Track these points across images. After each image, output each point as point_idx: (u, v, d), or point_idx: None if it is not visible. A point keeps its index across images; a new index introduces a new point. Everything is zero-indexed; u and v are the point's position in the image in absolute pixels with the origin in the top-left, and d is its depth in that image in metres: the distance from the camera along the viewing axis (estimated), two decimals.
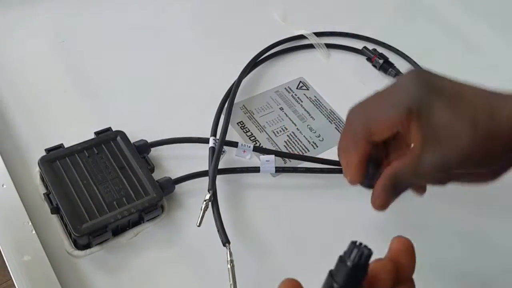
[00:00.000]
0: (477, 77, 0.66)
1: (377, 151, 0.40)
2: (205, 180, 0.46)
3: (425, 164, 0.35)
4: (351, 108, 0.40)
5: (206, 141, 0.49)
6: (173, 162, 0.49)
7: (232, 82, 0.55)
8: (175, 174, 0.47)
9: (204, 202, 0.43)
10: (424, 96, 0.35)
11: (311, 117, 0.56)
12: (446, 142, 0.35)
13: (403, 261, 0.28)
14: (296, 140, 0.54)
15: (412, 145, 0.37)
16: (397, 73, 0.62)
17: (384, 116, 0.37)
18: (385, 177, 0.38)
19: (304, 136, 0.54)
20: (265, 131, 0.54)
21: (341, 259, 0.26)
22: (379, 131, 0.37)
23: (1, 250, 0.40)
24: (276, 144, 0.53)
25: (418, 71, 0.38)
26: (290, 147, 0.53)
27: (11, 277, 0.38)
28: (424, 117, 0.35)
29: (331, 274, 0.26)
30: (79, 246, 0.42)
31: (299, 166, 0.51)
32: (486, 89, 0.37)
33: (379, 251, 0.49)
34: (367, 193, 0.50)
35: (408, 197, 0.52)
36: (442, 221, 0.50)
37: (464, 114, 0.35)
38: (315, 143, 0.54)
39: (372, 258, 0.26)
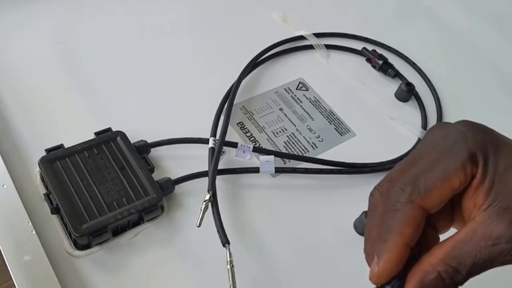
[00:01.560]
0: (476, 78, 0.67)
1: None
2: (205, 181, 0.46)
3: (501, 231, 0.23)
4: (381, 181, 0.28)
5: (206, 141, 0.49)
6: (173, 163, 0.49)
7: (232, 82, 0.56)
8: (175, 174, 0.47)
9: (204, 203, 0.43)
10: (487, 140, 0.26)
11: (311, 117, 0.56)
12: None
13: None
14: (295, 141, 0.54)
15: (473, 211, 0.25)
16: (396, 73, 0.62)
17: (442, 175, 0.25)
18: (434, 262, 0.25)
19: (303, 136, 0.54)
20: (264, 131, 0.54)
21: None
22: (435, 200, 0.25)
23: (1, 250, 0.40)
24: (276, 145, 0.53)
25: (467, 120, 0.28)
26: (289, 148, 0.53)
27: (11, 277, 0.38)
28: (492, 164, 0.25)
29: None
30: (79, 246, 0.42)
31: (298, 166, 0.51)
32: None
33: None
34: (366, 194, 0.51)
35: None
36: None
37: None
38: (314, 144, 0.54)
39: None
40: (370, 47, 0.65)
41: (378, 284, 0.26)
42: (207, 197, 0.43)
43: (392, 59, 0.64)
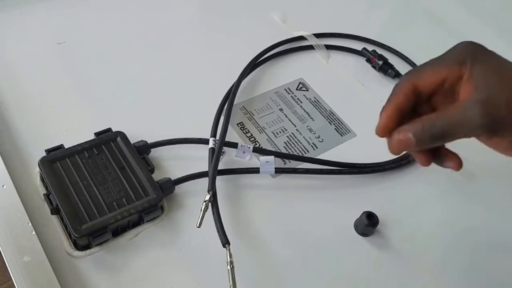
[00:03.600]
0: None
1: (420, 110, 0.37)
2: (205, 181, 0.46)
3: (473, 112, 0.33)
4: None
5: (206, 142, 0.49)
6: (173, 163, 0.49)
7: (232, 82, 0.56)
8: (175, 174, 0.47)
9: (204, 203, 0.43)
10: (478, 51, 0.36)
11: (311, 118, 0.56)
12: (497, 92, 0.34)
13: None
14: (295, 141, 0.54)
15: (466, 97, 0.35)
16: (396, 74, 0.62)
17: (432, 67, 0.37)
18: (423, 122, 0.34)
19: (303, 137, 0.54)
20: (264, 132, 0.54)
21: None
22: (424, 81, 0.36)
23: (1, 251, 0.40)
24: (276, 145, 0.53)
25: (471, 41, 0.38)
26: (289, 148, 0.53)
27: (11, 277, 0.38)
28: (477, 68, 0.35)
29: None
30: (79, 247, 0.42)
31: (298, 167, 0.51)
32: None
33: (378, 250, 0.49)
34: (366, 195, 0.51)
35: (406, 198, 0.52)
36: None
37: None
38: (314, 144, 0.54)
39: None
40: (370, 47, 0.65)
41: (380, 136, 0.36)
42: (207, 197, 0.43)
43: (392, 59, 0.64)
